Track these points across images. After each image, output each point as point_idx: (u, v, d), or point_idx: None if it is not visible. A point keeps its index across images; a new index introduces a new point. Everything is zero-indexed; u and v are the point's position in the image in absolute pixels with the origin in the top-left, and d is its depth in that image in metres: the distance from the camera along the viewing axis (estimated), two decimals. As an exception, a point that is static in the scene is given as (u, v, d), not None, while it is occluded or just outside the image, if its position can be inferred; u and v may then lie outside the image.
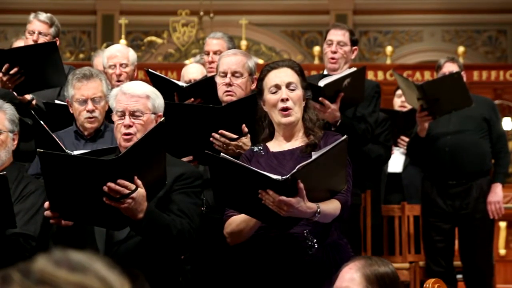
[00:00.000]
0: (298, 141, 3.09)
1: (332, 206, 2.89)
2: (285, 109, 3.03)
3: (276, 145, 3.12)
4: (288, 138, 3.11)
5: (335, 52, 4.58)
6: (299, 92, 3.07)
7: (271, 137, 3.15)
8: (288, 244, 2.96)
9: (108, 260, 1.02)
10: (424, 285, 2.72)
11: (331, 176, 2.87)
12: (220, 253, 3.49)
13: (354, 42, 4.66)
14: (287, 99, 3.03)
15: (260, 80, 3.14)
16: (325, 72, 4.68)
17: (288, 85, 3.05)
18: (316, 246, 2.96)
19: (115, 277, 1.00)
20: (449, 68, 5.22)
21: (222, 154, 2.82)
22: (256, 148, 3.16)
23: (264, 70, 3.15)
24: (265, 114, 3.13)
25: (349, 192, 2.97)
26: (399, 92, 6.01)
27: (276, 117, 3.06)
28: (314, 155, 2.77)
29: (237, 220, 3.00)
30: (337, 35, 4.62)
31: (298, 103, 3.06)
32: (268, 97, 3.07)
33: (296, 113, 3.06)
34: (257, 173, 2.75)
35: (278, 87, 3.05)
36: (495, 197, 5.16)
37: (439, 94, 4.92)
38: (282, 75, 3.07)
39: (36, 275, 0.96)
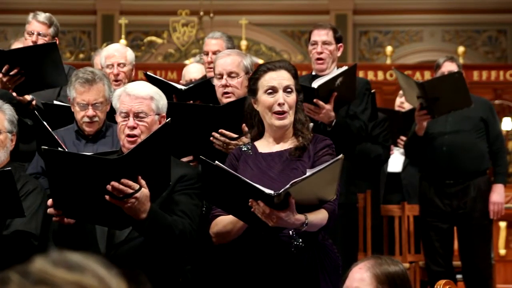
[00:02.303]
0: (288, 143, 3.08)
1: (320, 216, 2.88)
2: (281, 112, 3.02)
3: (265, 146, 3.11)
4: (278, 139, 3.10)
5: (321, 53, 4.57)
6: (294, 95, 3.06)
7: (260, 136, 3.14)
8: (274, 244, 2.96)
9: (108, 261, 1.03)
10: (435, 286, 2.72)
11: (322, 189, 2.86)
12: (219, 253, 3.49)
13: (338, 40, 4.63)
14: (283, 103, 3.02)
15: (255, 79, 3.10)
16: (313, 73, 4.66)
17: (285, 89, 3.04)
18: (301, 247, 2.97)
19: (112, 276, 1.01)
20: (448, 67, 5.22)
21: (216, 162, 2.81)
22: (244, 147, 3.15)
23: (259, 70, 3.11)
24: (255, 113, 3.11)
25: (337, 200, 2.96)
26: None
27: (270, 119, 3.04)
28: (309, 172, 2.76)
29: (224, 221, 3.00)
30: (321, 35, 4.59)
31: (293, 107, 3.06)
32: (264, 98, 3.04)
33: (291, 116, 3.05)
34: (250, 186, 2.74)
35: (275, 89, 3.03)
36: (498, 198, 5.16)
37: (439, 93, 4.92)
38: (280, 78, 3.05)
39: (35, 276, 0.97)
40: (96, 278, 0.99)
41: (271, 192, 2.70)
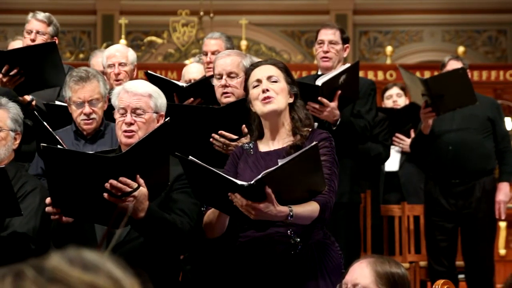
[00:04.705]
0: (285, 141, 3.09)
1: (308, 208, 2.86)
2: (266, 98, 3.03)
3: (265, 145, 3.12)
4: (274, 135, 3.10)
5: (327, 52, 4.57)
6: (281, 84, 3.07)
7: (260, 138, 3.16)
8: (272, 244, 2.97)
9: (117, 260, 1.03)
10: (434, 286, 2.72)
11: (306, 179, 2.85)
12: (219, 253, 3.49)
13: (345, 40, 4.65)
14: (267, 90, 3.03)
15: (245, 81, 3.17)
16: (319, 72, 4.66)
17: (268, 78, 3.07)
18: (300, 246, 2.96)
19: (127, 277, 1.00)
20: (453, 66, 5.22)
21: (190, 157, 2.81)
22: (246, 146, 3.16)
23: (248, 70, 3.18)
24: (255, 116, 3.13)
25: (332, 193, 2.94)
26: (388, 93, 6.02)
27: (259, 108, 3.06)
28: (280, 162, 2.76)
29: (208, 213, 3.03)
30: (328, 34, 4.61)
31: (281, 94, 3.06)
32: (251, 92, 3.09)
33: (279, 102, 3.05)
34: (223, 178, 2.75)
35: (259, 81, 3.07)
36: (503, 197, 5.16)
37: (443, 90, 4.90)
38: (264, 71, 3.09)
39: (50, 273, 0.96)
40: (110, 279, 0.98)
41: (244, 183, 2.70)
